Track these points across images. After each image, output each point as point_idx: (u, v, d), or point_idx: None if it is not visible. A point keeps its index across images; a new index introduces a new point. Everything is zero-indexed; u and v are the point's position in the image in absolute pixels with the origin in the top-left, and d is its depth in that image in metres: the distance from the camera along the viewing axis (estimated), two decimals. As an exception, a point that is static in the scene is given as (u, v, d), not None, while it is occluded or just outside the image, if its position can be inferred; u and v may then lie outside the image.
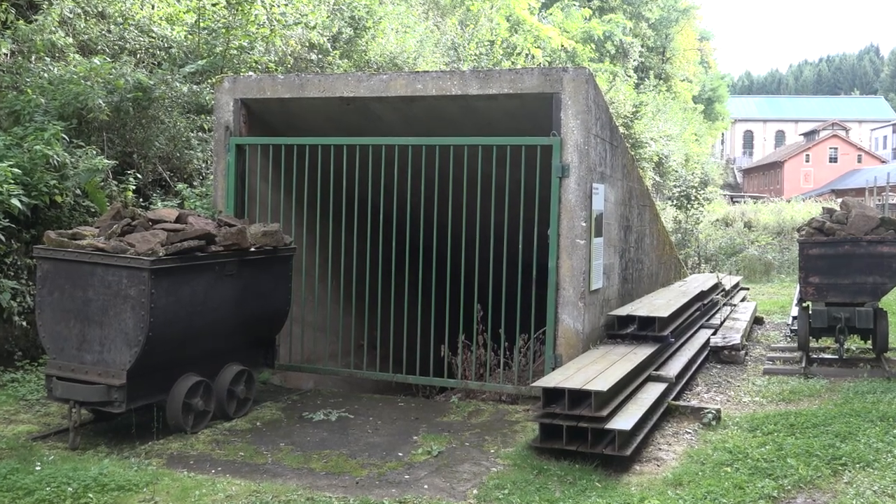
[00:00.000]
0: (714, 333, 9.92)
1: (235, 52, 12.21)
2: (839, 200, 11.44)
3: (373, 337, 8.74)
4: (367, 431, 6.62)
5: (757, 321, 12.37)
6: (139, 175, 9.83)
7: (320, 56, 14.82)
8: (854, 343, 9.78)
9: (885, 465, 5.61)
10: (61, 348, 6.11)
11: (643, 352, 7.40)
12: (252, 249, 6.90)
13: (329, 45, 15.11)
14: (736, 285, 14.34)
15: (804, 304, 9.07)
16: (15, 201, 7.60)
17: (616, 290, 8.83)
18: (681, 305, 9.07)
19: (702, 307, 10.49)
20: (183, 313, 6.18)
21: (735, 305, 12.52)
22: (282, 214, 8.43)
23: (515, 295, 7.65)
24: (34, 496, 4.93)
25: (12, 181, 7.67)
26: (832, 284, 8.65)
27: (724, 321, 10.93)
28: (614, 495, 5.16)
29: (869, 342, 9.31)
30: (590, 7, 40.00)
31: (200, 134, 11.18)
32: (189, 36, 12.45)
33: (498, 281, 8.69)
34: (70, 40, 10.63)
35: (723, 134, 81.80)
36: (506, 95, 7.57)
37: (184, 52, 12.07)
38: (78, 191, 8.75)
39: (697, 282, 12.38)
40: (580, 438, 5.82)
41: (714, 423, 6.71)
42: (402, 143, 7.94)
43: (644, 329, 7.96)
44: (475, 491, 5.26)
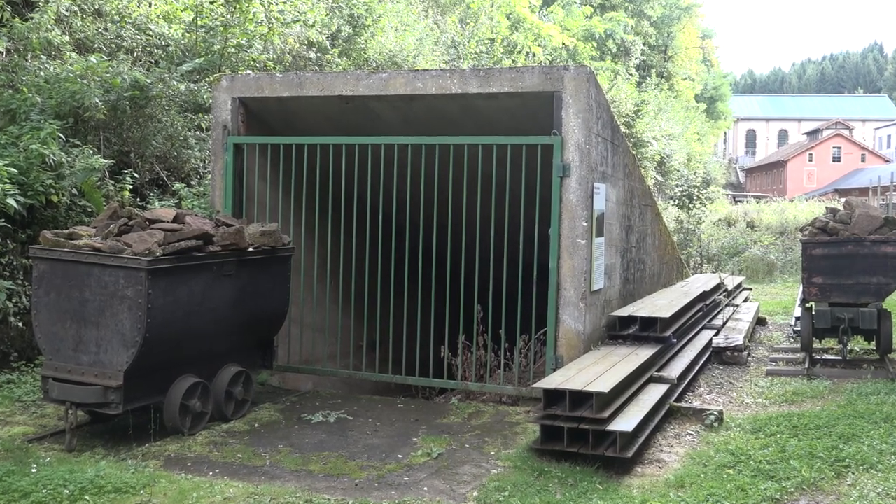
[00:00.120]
0: (716, 334, 9.93)
1: (233, 51, 12.22)
2: (843, 200, 11.44)
3: (372, 338, 8.74)
4: (367, 433, 6.62)
5: (760, 322, 12.38)
6: (136, 174, 9.83)
7: (319, 54, 14.83)
8: (858, 344, 9.79)
9: (889, 467, 5.61)
10: (57, 349, 6.11)
11: (645, 353, 7.40)
12: (250, 249, 6.91)
13: (328, 44, 15.12)
14: (738, 286, 14.36)
15: (807, 305, 9.07)
16: (11, 201, 7.60)
17: (617, 291, 8.84)
18: (683, 306, 9.07)
19: (704, 308, 10.50)
20: (180, 314, 6.18)
21: (737, 306, 12.53)
22: (280, 214, 8.42)
23: (516, 295, 7.65)
24: (30, 499, 4.93)
25: (8, 180, 7.67)
26: (835, 285, 8.66)
27: (727, 322, 10.94)
28: (616, 497, 5.16)
29: (873, 343, 9.32)
30: (591, 5, 40.02)
31: (198, 133, 11.18)
32: (187, 34, 12.44)
33: (498, 281, 8.69)
34: (66, 38, 10.63)
35: (725, 133, 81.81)
36: (506, 94, 7.57)
37: (181, 51, 12.06)
38: (74, 190, 8.75)
39: (700, 282, 12.38)
40: (581, 440, 5.82)
41: (716, 425, 6.72)
42: (402, 143, 7.94)
43: (646, 330, 7.96)
44: (475, 493, 5.26)
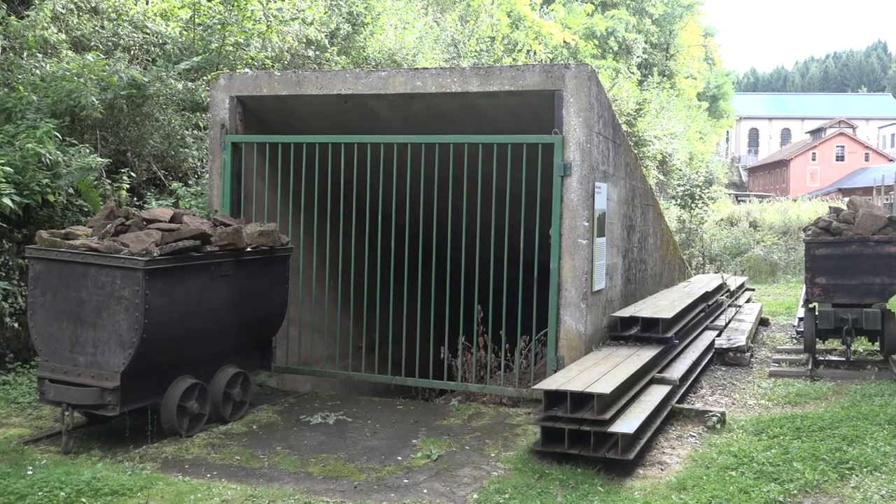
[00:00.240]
0: (719, 335, 9.93)
1: (231, 49, 12.21)
2: (846, 199, 11.45)
3: (371, 339, 8.74)
4: (366, 435, 6.62)
5: (762, 322, 12.38)
6: (133, 174, 9.83)
7: (318, 52, 14.83)
8: (861, 345, 9.79)
9: (893, 470, 5.60)
10: (54, 350, 6.11)
11: (647, 354, 7.40)
12: (248, 249, 6.91)
13: (327, 42, 15.11)
14: (741, 286, 14.36)
15: (810, 306, 9.07)
16: (6, 200, 7.60)
17: (619, 291, 8.84)
18: (685, 306, 9.07)
19: (706, 308, 10.50)
20: (178, 314, 6.18)
21: (740, 306, 12.53)
22: (278, 214, 8.42)
23: (516, 296, 7.65)
24: (26, 501, 4.93)
25: (4, 180, 7.67)
26: (839, 285, 8.65)
27: (729, 322, 10.94)
28: (617, 500, 5.16)
29: (876, 344, 9.32)
30: (592, 3, 40.01)
31: (196, 132, 11.18)
32: (184, 32, 12.45)
33: (499, 281, 8.69)
34: (63, 36, 10.63)
35: (727, 132, 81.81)
36: (507, 93, 7.57)
37: (179, 49, 12.07)
38: (71, 190, 8.75)
39: (702, 282, 12.38)
40: (582, 442, 5.82)
41: (719, 427, 6.72)
42: (401, 142, 7.94)
43: (648, 330, 7.96)
44: (475, 495, 5.26)
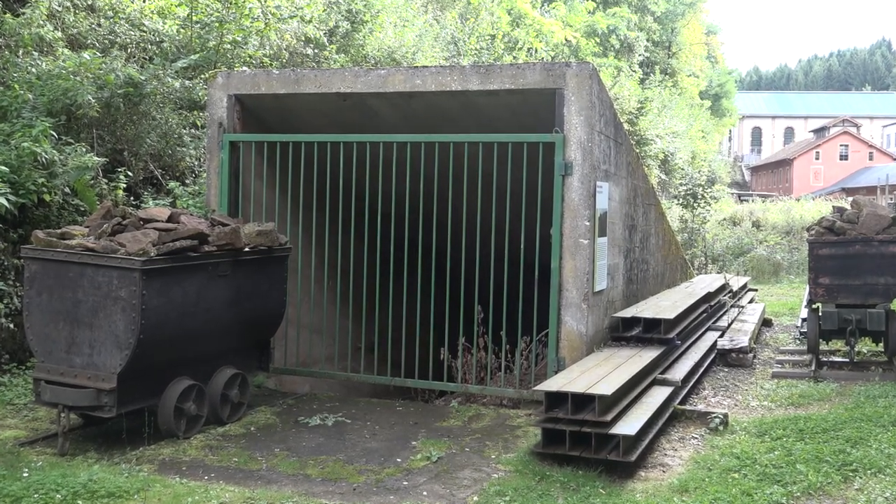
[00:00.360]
0: (721, 336, 9.93)
1: (229, 47, 12.21)
2: (850, 199, 11.44)
3: (370, 339, 8.74)
4: (365, 436, 6.62)
5: (765, 323, 12.38)
6: (130, 173, 9.82)
7: (316, 51, 14.83)
8: (865, 346, 9.79)
9: (898, 472, 5.61)
10: (50, 351, 6.11)
11: (648, 355, 7.40)
12: (246, 249, 6.91)
13: (325, 40, 15.11)
14: (744, 286, 14.36)
15: (814, 306, 9.07)
16: (2, 200, 7.59)
17: (620, 292, 8.84)
18: (687, 307, 9.07)
19: (709, 309, 10.50)
20: (175, 315, 6.18)
21: (743, 307, 12.53)
22: (277, 213, 8.42)
23: (517, 296, 7.65)
24: (21, 503, 4.93)
25: (-1, 179, 7.68)
26: (843, 285, 8.65)
27: (732, 323, 10.94)
28: (619, 502, 5.17)
29: (881, 345, 9.32)
30: (594, 0, 39.99)
31: (193, 130, 11.18)
32: (181, 30, 12.45)
33: (499, 282, 8.69)
34: (59, 34, 10.63)
35: (730, 131, 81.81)
36: (507, 91, 7.57)
37: (176, 47, 12.06)
38: (67, 189, 8.75)
39: (704, 283, 12.39)
40: (584, 444, 5.82)
41: (721, 428, 6.72)
42: (401, 141, 7.94)
43: (649, 331, 7.96)
44: (476, 498, 5.27)
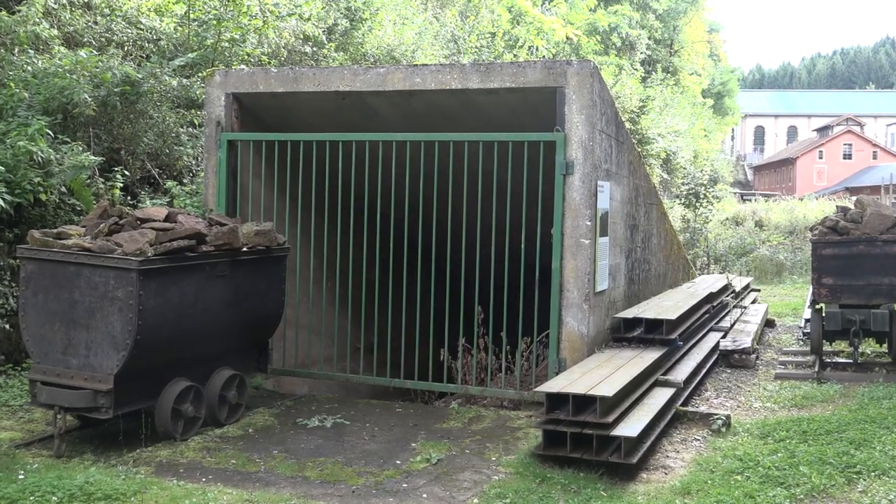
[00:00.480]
0: (724, 337, 9.93)
1: (227, 45, 12.21)
2: (853, 198, 11.44)
3: (369, 340, 8.74)
4: (364, 438, 6.62)
5: (768, 324, 12.38)
6: (127, 172, 9.82)
7: (315, 49, 14.82)
8: (869, 346, 9.79)
9: (902, 474, 5.61)
10: (46, 352, 6.11)
11: (650, 356, 7.40)
12: (244, 249, 6.91)
13: (324, 38, 15.11)
14: (746, 287, 14.36)
15: (817, 306, 9.07)
16: (-2, 199, 7.60)
17: (622, 292, 8.84)
18: (689, 307, 9.07)
19: (711, 309, 10.50)
20: (172, 315, 6.18)
21: (745, 308, 12.53)
22: (275, 213, 8.42)
23: (517, 297, 7.65)
24: (18, 506, 4.94)
25: (-5, 178, 7.68)
26: (846, 286, 8.65)
27: (735, 324, 10.94)
28: (620, 505, 5.17)
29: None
30: (595, -3, 39.98)
31: (190, 129, 11.18)
32: (179, 28, 12.44)
33: (499, 282, 8.69)
34: (55, 32, 10.62)
35: (733, 129, 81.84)
36: (507, 90, 7.57)
37: (173, 45, 12.06)
38: (63, 188, 8.75)
39: (706, 283, 12.38)
40: (585, 445, 5.82)
41: (724, 430, 6.72)
42: (400, 139, 7.94)
43: (651, 332, 7.96)
44: (476, 500, 5.27)
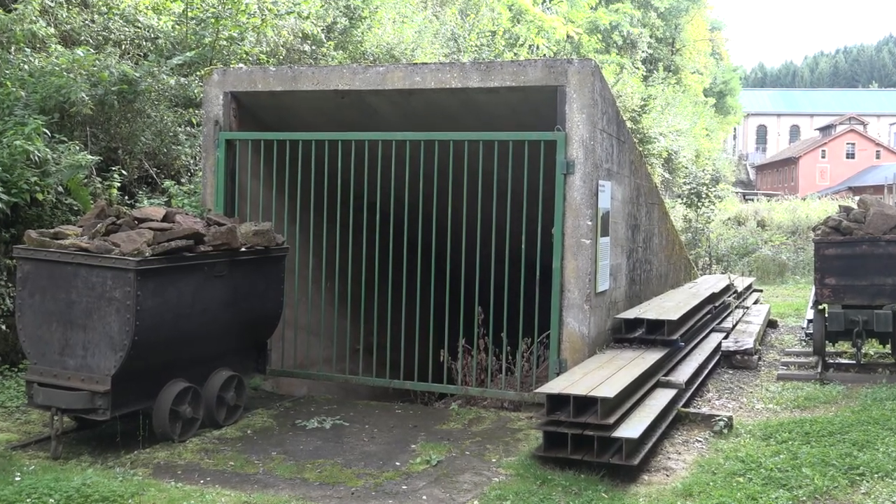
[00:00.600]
0: (726, 337, 9.93)
1: (225, 43, 12.21)
2: (856, 198, 11.46)
3: (369, 341, 8.74)
4: (363, 440, 6.63)
5: (770, 324, 12.38)
6: (124, 171, 9.83)
7: (314, 47, 14.83)
8: (872, 347, 9.79)
9: (905, 475, 5.61)
10: (43, 353, 6.11)
11: (651, 356, 7.41)
12: (243, 249, 6.91)
13: (323, 36, 15.11)
14: (748, 287, 14.36)
15: (820, 307, 9.07)
16: (-6, 199, 7.60)
17: (623, 292, 8.84)
18: (691, 308, 9.08)
19: (713, 310, 10.50)
20: (170, 316, 6.18)
21: (748, 308, 12.54)
22: (274, 213, 8.42)
23: (518, 297, 7.65)
24: (14, 508, 4.94)
25: (-9, 178, 7.68)
26: (849, 286, 8.65)
27: (737, 324, 10.94)
28: (621, 507, 5.17)
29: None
30: (596, -5, 39.99)
31: (188, 129, 11.18)
32: (176, 26, 12.45)
33: (500, 282, 8.69)
34: (52, 30, 10.62)
35: (735, 129, 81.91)
36: (508, 88, 7.57)
37: (171, 43, 12.06)
38: (60, 188, 8.75)
39: (708, 283, 12.39)
40: (586, 447, 5.82)
41: (726, 431, 6.72)
42: (400, 139, 7.94)
43: (652, 333, 7.96)
44: (476, 502, 5.27)
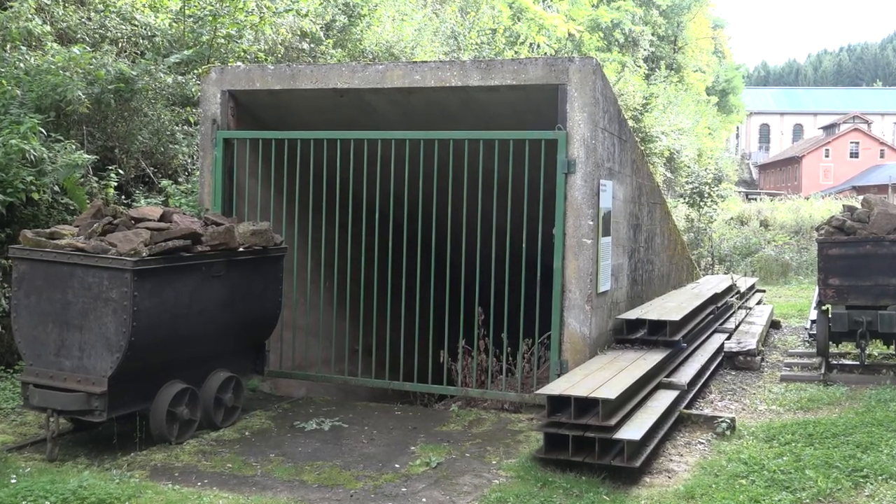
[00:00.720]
0: (728, 338, 9.93)
1: (223, 41, 12.21)
2: (860, 197, 11.44)
3: (368, 342, 8.74)
4: (362, 441, 6.62)
5: (773, 325, 12.39)
6: (121, 171, 9.82)
7: (313, 45, 14.82)
8: (876, 348, 9.79)
9: (909, 478, 5.61)
10: (38, 354, 6.10)
11: (653, 357, 7.40)
12: (240, 249, 6.91)
13: (322, 34, 15.11)
14: (751, 287, 14.37)
15: (823, 308, 9.07)
16: (-10, 198, 7.60)
17: (625, 293, 8.84)
18: (693, 308, 9.07)
19: (715, 310, 10.50)
20: (167, 317, 6.18)
21: (750, 309, 12.54)
22: (272, 212, 8.42)
23: (518, 297, 7.65)
24: (10, 510, 4.94)
25: (-13, 177, 7.68)
26: (853, 286, 8.65)
27: (739, 325, 10.95)
28: (623, 509, 5.17)
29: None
30: (598, -7, 40.00)
31: (186, 127, 11.18)
32: (174, 24, 12.44)
33: (500, 282, 8.68)
34: (48, 28, 10.62)
35: (738, 127, 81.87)
36: (508, 87, 7.57)
37: (168, 41, 12.06)
38: (56, 187, 8.74)
39: (711, 283, 12.39)
40: (587, 449, 5.82)
41: (728, 433, 6.72)
42: (399, 138, 7.94)
43: (654, 333, 7.96)
44: (476, 504, 5.27)
